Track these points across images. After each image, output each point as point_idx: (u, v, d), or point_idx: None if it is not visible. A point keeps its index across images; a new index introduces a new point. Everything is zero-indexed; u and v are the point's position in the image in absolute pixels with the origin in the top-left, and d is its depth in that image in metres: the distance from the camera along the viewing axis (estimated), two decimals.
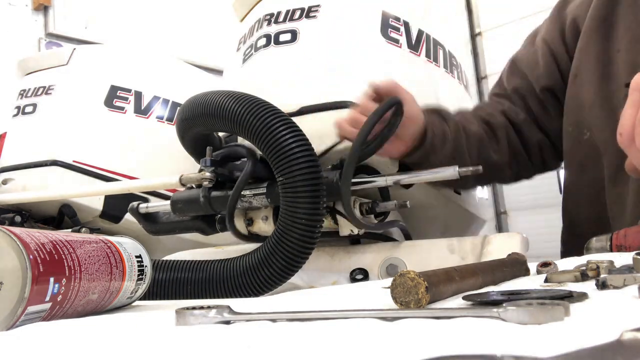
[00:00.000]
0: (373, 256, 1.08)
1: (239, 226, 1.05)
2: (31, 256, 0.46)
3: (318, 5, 1.07)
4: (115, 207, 1.65)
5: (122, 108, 1.75)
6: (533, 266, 0.65)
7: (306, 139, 0.87)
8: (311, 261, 1.12)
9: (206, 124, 0.96)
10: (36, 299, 0.46)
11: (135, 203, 1.17)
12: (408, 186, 1.05)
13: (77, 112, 1.71)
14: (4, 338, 0.41)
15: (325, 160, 1.01)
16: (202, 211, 1.03)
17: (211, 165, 0.99)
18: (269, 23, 1.11)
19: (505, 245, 0.99)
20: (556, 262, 0.63)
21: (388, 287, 0.45)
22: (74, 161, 1.65)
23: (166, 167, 1.54)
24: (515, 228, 5.19)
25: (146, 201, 1.27)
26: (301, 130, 0.88)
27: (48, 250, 0.48)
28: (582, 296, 0.42)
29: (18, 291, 0.45)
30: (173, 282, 0.91)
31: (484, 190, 1.49)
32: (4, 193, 1.59)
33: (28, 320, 0.46)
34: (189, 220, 1.09)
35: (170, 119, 1.78)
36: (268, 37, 1.10)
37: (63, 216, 1.63)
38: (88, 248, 0.53)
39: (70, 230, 1.50)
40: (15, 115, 1.75)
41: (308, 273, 1.08)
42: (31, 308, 0.46)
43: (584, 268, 0.54)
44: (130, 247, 0.61)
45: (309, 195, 0.85)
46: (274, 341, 0.36)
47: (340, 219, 1.01)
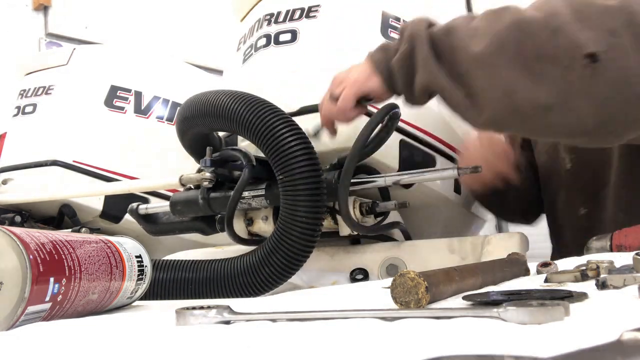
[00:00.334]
0: (373, 256, 1.08)
1: (239, 227, 1.05)
2: (31, 256, 0.46)
3: (318, 5, 1.07)
4: (115, 207, 1.65)
5: (122, 108, 1.75)
6: (533, 266, 0.65)
7: (306, 138, 0.87)
8: (311, 261, 1.12)
9: (206, 124, 0.96)
10: (36, 299, 0.46)
11: (135, 204, 1.17)
12: (408, 186, 1.05)
13: (77, 112, 1.71)
14: (4, 338, 0.41)
15: (323, 159, 1.01)
16: (202, 212, 1.03)
17: (211, 165, 0.99)
18: (269, 23, 1.10)
19: (505, 245, 0.99)
20: (556, 262, 0.63)
21: (388, 287, 0.45)
22: (74, 161, 1.65)
23: (166, 167, 1.54)
24: (515, 228, 5.18)
25: (146, 201, 1.27)
26: (301, 129, 0.88)
27: (48, 250, 0.48)
28: (582, 296, 0.42)
29: (18, 291, 0.45)
30: (173, 282, 0.91)
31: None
32: (4, 193, 1.59)
33: (28, 320, 0.46)
34: (189, 220, 1.09)
35: (170, 119, 1.78)
36: (268, 37, 1.09)
37: (63, 216, 1.63)
38: (88, 248, 0.53)
39: (70, 230, 1.50)
40: (15, 115, 1.75)
41: (308, 273, 1.08)
42: (31, 308, 0.46)
43: (584, 268, 0.54)
44: (130, 247, 0.61)
45: (309, 193, 0.84)
46: (274, 341, 0.36)
47: (340, 219, 1.01)
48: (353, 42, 1.06)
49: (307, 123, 0.96)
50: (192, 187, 1.06)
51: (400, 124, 1.00)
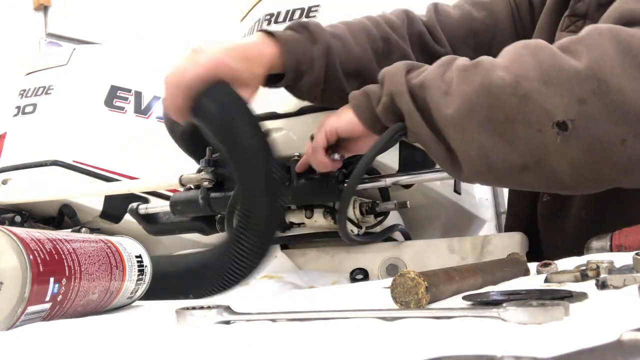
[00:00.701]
0: (373, 256, 1.08)
1: None
2: (31, 256, 0.46)
3: (318, 5, 1.07)
4: (115, 207, 1.65)
5: (122, 108, 1.75)
6: (533, 266, 0.65)
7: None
8: (311, 261, 1.13)
9: None
10: (36, 299, 0.46)
11: (134, 204, 1.17)
12: (408, 186, 1.05)
13: (77, 112, 1.71)
14: (4, 338, 0.42)
15: None
16: (201, 212, 1.03)
17: (211, 165, 0.99)
18: (269, 23, 1.10)
19: (505, 245, 0.99)
20: (556, 262, 0.63)
21: (388, 287, 0.45)
22: (74, 161, 1.65)
23: (166, 168, 1.54)
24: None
25: (146, 201, 1.27)
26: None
27: (48, 250, 0.48)
28: (582, 296, 0.42)
29: (18, 291, 0.45)
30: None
31: (484, 190, 1.49)
32: (4, 193, 1.59)
33: (28, 320, 0.46)
34: (189, 220, 1.09)
35: None
36: None
37: (63, 216, 1.63)
38: (88, 248, 0.53)
39: (70, 230, 1.50)
40: (15, 115, 1.75)
41: (308, 273, 1.08)
42: (31, 308, 0.46)
43: (584, 268, 0.54)
44: (130, 247, 0.61)
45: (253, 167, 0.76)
46: (274, 341, 0.36)
47: None
48: None
49: (307, 123, 0.95)
50: (192, 187, 1.06)
51: None
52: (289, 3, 1.10)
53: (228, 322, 0.42)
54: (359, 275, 1.05)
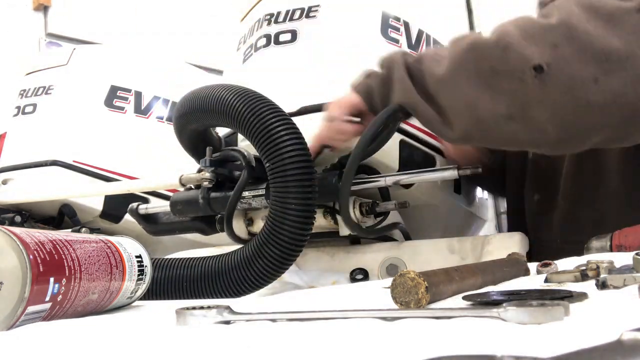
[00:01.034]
0: (373, 256, 1.08)
1: (239, 227, 1.05)
2: (31, 256, 0.46)
3: (318, 5, 1.07)
4: (115, 207, 1.65)
5: (122, 108, 1.75)
6: (533, 266, 0.65)
7: (295, 126, 0.87)
8: (311, 261, 1.12)
9: (203, 119, 0.96)
10: (36, 299, 0.46)
11: (134, 204, 1.17)
12: (408, 186, 1.05)
13: (77, 112, 1.71)
14: (4, 338, 0.42)
15: (322, 160, 1.01)
16: (202, 212, 1.03)
17: (211, 165, 0.99)
18: (269, 23, 1.11)
19: (505, 245, 0.99)
20: (556, 262, 0.63)
21: (388, 287, 0.45)
22: (74, 161, 1.65)
23: (166, 167, 1.54)
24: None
25: (146, 201, 1.27)
26: (290, 119, 0.87)
27: (48, 250, 0.48)
28: (582, 296, 0.42)
29: (18, 291, 0.45)
30: (168, 280, 0.90)
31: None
32: (4, 193, 1.59)
33: (28, 320, 0.46)
34: (189, 220, 1.09)
35: (170, 119, 1.78)
36: (268, 37, 1.10)
37: (63, 216, 1.63)
38: (88, 248, 0.53)
39: (70, 230, 1.50)
40: (15, 115, 1.75)
41: (308, 273, 1.08)
42: (31, 308, 0.46)
43: (584, 268, 0.54)
44: (130, 247, 0.61)
45: (299, 179, 0.83)
46: (274, 341, 0.36)
47: (340, 219, 1.01)
48: (353, 42, 1.06)
49: (308, 123, 0.95)
50: (193, 187, 1.06)
51: (400, 124, 1.00)
52: (289, 3, 1.10)
53: (228, 322, 0.42)
54: (359, 275, 1.05)
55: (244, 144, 1.07)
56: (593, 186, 1.07)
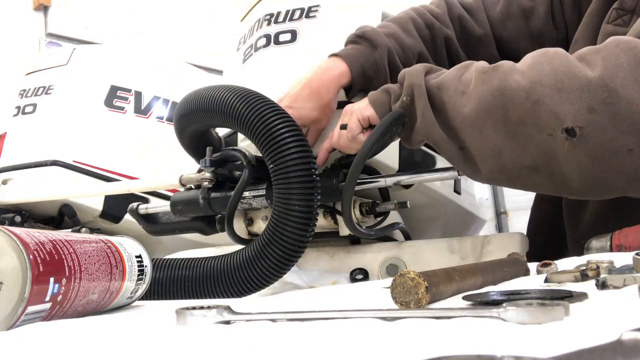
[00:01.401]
0: (373, 256, 1.08)
1: (239, 227, 1.05)
2: (31, 256, 0.46)
3: (318, 5, 1.07)
4: (115, 207, 1.65)
5: (122, 108, 1.75)
6: (533, 266, 0.65)
7: (297, 127, 0.87)
8: (311, 261, 1.12)
9: (204, 119, 0.96)
10: (36, 299, 0.46)
11: (135, 204, 1.17)
12: (408, 186, 1.05)
13: (77, 112, 1.71)
14: (4, 338, 0.41)
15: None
16: (202, 212, 1.03)
17: (211, 165, 0.99)
18: (269, 23, 1.11)
19: (505, 245, 0.99)
20: (556, 262, 0.63)
21: (388, 287, 0.45)
22: (74, 161, 1.65)
23: (166, 167, 1.54)
24: (515, 228, 5.19)
25: (146, 201, 1.27)
26: (291, 117, 0.88)
27: (48, 250, 0.48)
28: (582, 296, 0.42)
29: (18, 291, 0.45)
30: (170, 281, 0.90)
31: (484, 190, 1.50)
32: (4, 193, 1.59)
33: (28, 320, 0.46)
34: (189, 220, 1.09)
35: (170, 119, 1.78)
36: (268, 37, 1.10)
37: (63, 216, 1.63)
38: (88, 248, 0.53)
39: (70, 230, 1.50)
40: (15, 115, 1.75)
41: (308, 273, 1.08)
42: (31, 308, 0.46)
43: (584, 268, 0.54)
44: (130, 247, 0.61)
45: (302, 180, 0.84)
46: (274, 341, 0.36)
47: (340, 219, 1.01)
48: None
49: None
50: (193, 187, 1.06)
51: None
52: (289, 3, 1.10)
53: (228, 322, 0.42)
54: (359, 275, 1.05)
55: (244, 144, 1.07)
56: None
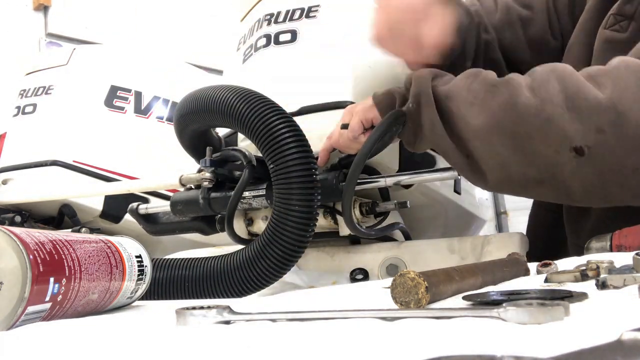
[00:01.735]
0: (373, 256, 1.08)
1: (239, 227, 1.05)
2: (31, 256, 0.46)
3: (318, 5, 1.07)
4: (115, 207, 1.65)
5: (122, 108, 1.75)
6: (533, 266, 0.65)
7: (297, 127, 0.87)
8: (311, 261, 1.12)
9: (204, 119, 0.96)
10: (36, 299, 0.46)
11: (135, 204, 1.17)
12: (408, 186, 1.05)
13: (77, 112, 1.71)
14: (4, 338, 0.41)
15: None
16: (202, 212, 1.03)
17: (211, 165, 0.99)
18: (269, 23, 1.10)
19: (505, 245, 0.99)
20: (556, 262, 0.63)
21: (388, 287, 0.45)
22: (74, 161, 1.65)
23: (166, 167, 1.54)
24: (515, 228, 5.18)
25: (146, 201, 1.27)
26: (293, 119, 0.88)
27: (48, 250, 0.48)
28: (582, 296, 0.42)
29: (18, 291, 0.45)
30: (170, 281, 0.90)
31: (484, 190, 1.50)
32: (4, 193, 1.59)
33: (28, 320, 0.46)
34: (189, 220, 1.09)
35: (170, 119, 1.78)
36: (268, 37, 1.10)
37: (63, 216, 1.63)
38: (88, 248, 0.53)
39: (70, 230, 1.50)
40: (15, 115, 1.75)
41: (308, 273, 1.08)
42: (31, 308, 0.46)
43: (584, 268, 0.54)
44: (130, 247, 0.61)
45: (302, 180, 0.84)
46: (274, 341, 0.36)
47: (340, 219, 1.01)
48: (353, 42, 1.06)
49: (307, 123, 0.95)
50: (193, 187, 1.06)
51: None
52: (289, 3, 1.10)
53: (228, 322, 0.42)
54: (359, 275, 1.05)
55: (244, 144, 1.07)
56: None
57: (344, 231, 1.02)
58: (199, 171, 1.01)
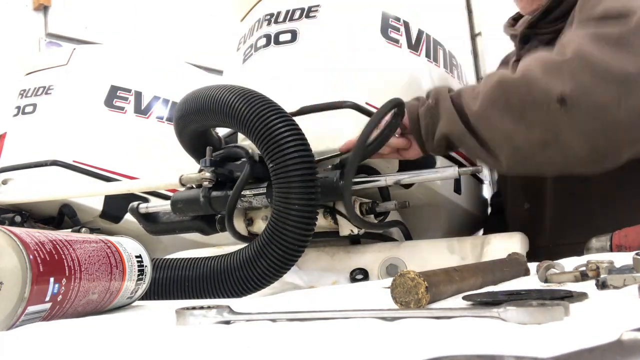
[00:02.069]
0: (373, 256, 1.08)
1: (239, 226, 1.05)
2: (31, 256, 0.46)
3: (318, 5, 1.07)
4: (115, 207, 1.65)
5: (122, 108, 1.75)
6: (533, 266, 0.65)
7: (297, 126, 0.87)
8: (311, 261, 1.12)
9: (203, 119, 0.96)
10: (36, 299, 0.46)
11: (135, 203, 1.17)
12: (408, 186, 1.05)
13: (77, 112, 1.71)
14: (4, 338, 0.41)
15: (326, 161, 1.01)
16: (202, 211, 1.03)
17: (211, 165, 0.99)
18: (269, 23, 1.10)
19: (505, 245, 0.99)
20: (556, 262, 0.63)
21: (388, 287, 0.45)
22: (74, 161, 1.65)
23: (166, 167, 1.54)
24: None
25: (146, 201, 1.27)
26: (292, 118, 0.88)
27: (48, 250, 0.48)
28: (582, 296, 0.42)
29: (18, 291, 0.45)
30: (170, 281, 0.90)
31: (485, 190, 1.50)
32: (4, 193, 1.59)
33: (28, 320, 0.46)
34: (189, 220, 1.09)
35: (170, 119, 1.78)
36: (268, 37, 1.09)
37: (63, 216, 1.63)
38: (88, 248, 0.53)
39: (70, 230, 1.50)
40: (15, 115, 1.75)
41: (308, 273, 1.08)
42: (31, 308, 0.46)
43: (584, 268, 0.54)
44: (130, 247, 0.61)
45: (302, 179, 0.84)
46: (274, 341, 0.36)
47: (340, 219, 1.01)
48: (353, 42, 1.06)
49: (307, 123, 0.95)
50: (193, 187, 1.06)
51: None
52: (289, 3, 1.10)
53: (228, 322, 0.42)
54: (359, 275, 1.05)
55: (245, 144, 1.07)
56: (581, 186, 1.10)
57: (344, 231, 1.02)
58: (199, 171, 1.01)
